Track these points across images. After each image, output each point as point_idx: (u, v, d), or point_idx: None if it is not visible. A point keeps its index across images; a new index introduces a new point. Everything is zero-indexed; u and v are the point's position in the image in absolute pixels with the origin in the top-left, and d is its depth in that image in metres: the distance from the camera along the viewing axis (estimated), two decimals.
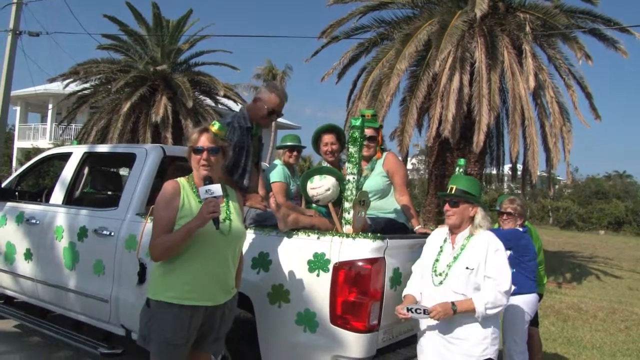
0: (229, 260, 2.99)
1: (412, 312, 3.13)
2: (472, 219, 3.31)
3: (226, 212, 2.99)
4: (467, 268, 3.19)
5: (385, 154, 4.42)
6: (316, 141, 4.56)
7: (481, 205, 3.34)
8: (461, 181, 3.38)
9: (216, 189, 2.80)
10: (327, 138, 4.46)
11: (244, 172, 3.90)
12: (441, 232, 3.47)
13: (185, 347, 2.91)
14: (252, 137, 4.00)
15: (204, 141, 2.95)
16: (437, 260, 3.33)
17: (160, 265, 2.92)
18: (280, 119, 38.54)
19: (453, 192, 3.33)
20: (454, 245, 3.33)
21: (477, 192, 3.35)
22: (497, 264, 3.18)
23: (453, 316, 3.14)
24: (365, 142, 4.23)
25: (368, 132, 4.28)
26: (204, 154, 2.93)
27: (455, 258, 3.26)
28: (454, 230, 3.36)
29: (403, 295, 3.38)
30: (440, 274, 3.26)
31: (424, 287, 3.34)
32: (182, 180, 3.03)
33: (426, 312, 3.11)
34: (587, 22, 13.14)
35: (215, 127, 3.00)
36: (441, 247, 3.38)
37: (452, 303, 3.13)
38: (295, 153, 4.96)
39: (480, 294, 3.14)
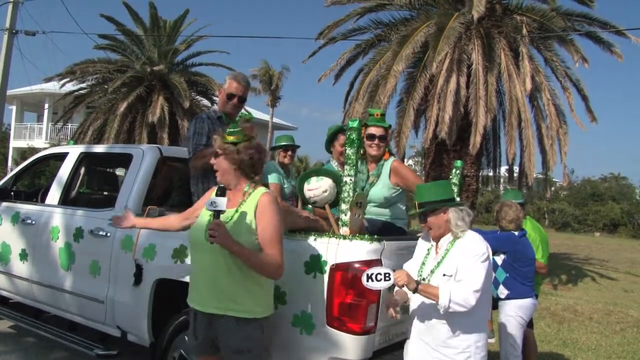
0: (222, 268, 2.84)
1: (371, 279, 2.94)
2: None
3: (224, 218, 2.91)
4: (444, 275, 3.10)
5: (390, 161, 4.31)
6: (331, 140, 4.55)
7: (452, 206, 3.17)
8: (421, 194, 3.26)
9: (220, 202, 2.75)
10: (344, 139, 4.45)
11: None
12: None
13: (200, 347, 3.02)
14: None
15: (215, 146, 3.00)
16: (423, 263, 3.28)
17: None
18: (276, 120, 38.83)
19: (418, 209, 3.23)
20: (438, 250, 3.24)
21: (442, 195, 3.19)
22: (468, 267, 3.03)
23: (435, 322, 3.11)
24: (375, 142, 4.24)
25: (378, 131, 4.24)
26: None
27: (438, 264, 3.17)
28: (438, 239, 3.26)
29: (394, 291, 3.31)
30: (424, 279, 3.18)
31: None
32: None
33: (388, 277, 2.95)
34: (584, 25, 13.21)
35: (226, 131, 2.99)
36: (429, 250, 3.32)
37: (417, 282, 3.04)
38: (289, 153, 4.96)
39: (448, 287, 2.99)
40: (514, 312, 4.57)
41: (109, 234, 4.29)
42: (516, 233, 4.70)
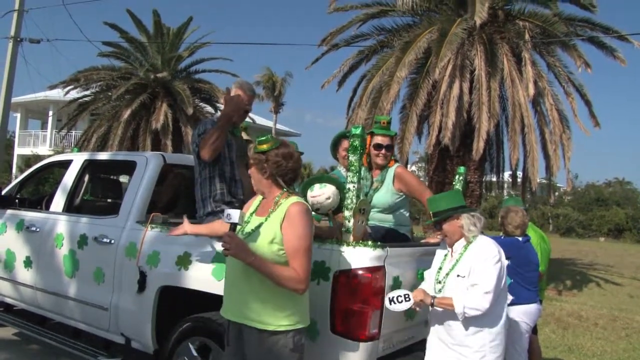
0: (244, 279, 2.83)
1: (393, 302, 3.19)
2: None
3: (242, 232, 2.92)
4: (458, 276, 3.29)
5: (394, 167, 4.34)
6: (335, 146, 4.57)
7: (463, 212, 3.34)
8: (434, 204, 3.47)
9: (234, 215, 2.74)
10: (347, 144, 4.47)
11: (231, 164, 3.94)
12: None
13: (231, 357, 3.00)
14: (232, 134, 4.04)
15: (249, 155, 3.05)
16: (440, 268, 3.43)
17: None
18: (280, 126, 38.89)
19: (432, 219, 3.43)
20: (453, 254, 3.42)
21: (453, 203, 3.38)
22: (481, 270, 3.21)
23: (451, 322, 3.27)
24: (382, 151, 4.24)
25: (385, 140, 4.26)
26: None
27: (452, 267, 3.35)
28: (453, 245, 3.44)
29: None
30: (440, 282, 3.37)
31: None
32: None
33: (407, 297, 3.20)
34: (586, 30, 13.20)
35: (257, 140, 3.00)
36: (445, 255, 3.47)
37: (433, 297, 3.27)
38: None
39: (461, 295, 3.20)
40: (518, 318, 4.55)
41: (113, 241, 4.30)
42: (520, 239, 4.69)
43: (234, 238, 2.72)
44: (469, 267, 3.25)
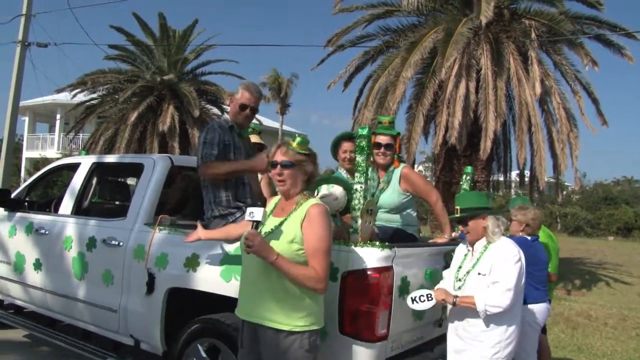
0: (264, 278, 2.84)
1: (416, 302, 3.32)
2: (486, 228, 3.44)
3: (264, 232, 2.91)
4: (479, 274, 3.38)
5: (401, 167, 4.36)
6: (335, 147, 4.59)
7: (490, 213, 3.44)
8: (463, 200, 3.55)
9: (258, 213, 2.76)
10: (347, 145, 4.50)
11: None
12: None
13: (246, 357, 3.00)
14: (239, 136, 4.04)
15: (277, 155, 2.95)
16: (460, 267, 3.53)
17: None
18: (285, 127, 38.90)
19: (458, 213, 3.49)
20: (473, 253, 3.49)
21: (481, 203, 3.48)
22: (502, 268, 3.30)
23: (470, 319, 3.38)
24: (381, 150, 4.25)
25: (384, 139, 4.27)
26: (277, 169, 2.93)
27: (473, 266, 3.43)
28: (473, 243, 3.52)
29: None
30: (460, 280, 3.47)
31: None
32: (278, 197, 3.13)
33: (430, 297, 3.33)
34: (593, 28, 13.14)
35: (295, 142, 2.98)
36: (465, 255, 3.56)
37: (455, 296, 3.36)
38: None
39: (482, 293, 3.30)
40: (528, 317, 4.53)
41: (121, 243, 4.31)
42: (529, 237, 4.68)
43: (258, 236, 2.73)
44: (490, 266, 3.34)
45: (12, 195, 5.68)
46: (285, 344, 2.80)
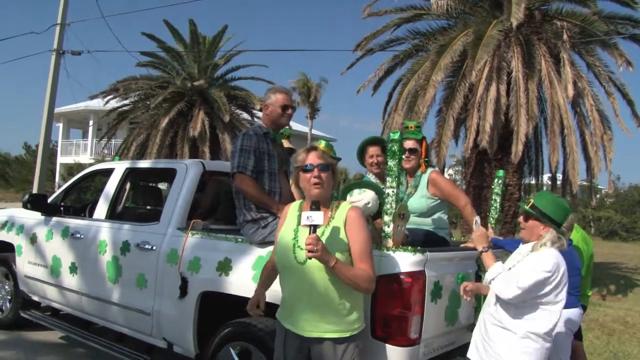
0: (319, 287, 2.77)
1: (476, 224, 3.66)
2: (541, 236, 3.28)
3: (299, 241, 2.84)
4: (509, 269, 3.27)
5: (429, 172, 4.37)
6: (361, 153, 4.59)
7: (554, 228, 3.25)
8: (541, 199, 3.33)
9: (317, 217, 2.66)
10: (373, 150, 4.51)
11: (271, 176, 3.93)
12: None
13: None
14: (273, 143, 4.06)
15: (312, 159, 2.88)
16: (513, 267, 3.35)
17: None
18: (315, 131, 38.98)
19: (528, 206, 3.31)
20: (520, 254, 3.40)
21: (553, 214, 3.25)
22: (526, 269, 3.15)
23: (486, 321, 3.31)
24: (406, 154, 4.24)
25: (409, 144, 4.27)
26: (315, 172, 2.85)
27: (513, 266, 3.30)
28: (525, 242, 3.42)
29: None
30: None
31: None
32: (297, 202, 3.07)
33: (477, 222, 3.67)
34: (628, 28, 12.84)
35: (322, 144, 2.97)
36: (518, 262, 3.40)
37: (489, 246, 3.49)
38: None
39: (500, 269, 3.26)
40: (561, 323, 4.46)
41: (154, 248, 4.38)
42: None
43: (320, 241, 2.65)
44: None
45: (49, 200, 5.80)
46: (348, 349, 2.83)
